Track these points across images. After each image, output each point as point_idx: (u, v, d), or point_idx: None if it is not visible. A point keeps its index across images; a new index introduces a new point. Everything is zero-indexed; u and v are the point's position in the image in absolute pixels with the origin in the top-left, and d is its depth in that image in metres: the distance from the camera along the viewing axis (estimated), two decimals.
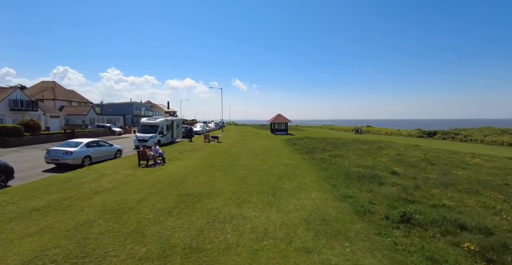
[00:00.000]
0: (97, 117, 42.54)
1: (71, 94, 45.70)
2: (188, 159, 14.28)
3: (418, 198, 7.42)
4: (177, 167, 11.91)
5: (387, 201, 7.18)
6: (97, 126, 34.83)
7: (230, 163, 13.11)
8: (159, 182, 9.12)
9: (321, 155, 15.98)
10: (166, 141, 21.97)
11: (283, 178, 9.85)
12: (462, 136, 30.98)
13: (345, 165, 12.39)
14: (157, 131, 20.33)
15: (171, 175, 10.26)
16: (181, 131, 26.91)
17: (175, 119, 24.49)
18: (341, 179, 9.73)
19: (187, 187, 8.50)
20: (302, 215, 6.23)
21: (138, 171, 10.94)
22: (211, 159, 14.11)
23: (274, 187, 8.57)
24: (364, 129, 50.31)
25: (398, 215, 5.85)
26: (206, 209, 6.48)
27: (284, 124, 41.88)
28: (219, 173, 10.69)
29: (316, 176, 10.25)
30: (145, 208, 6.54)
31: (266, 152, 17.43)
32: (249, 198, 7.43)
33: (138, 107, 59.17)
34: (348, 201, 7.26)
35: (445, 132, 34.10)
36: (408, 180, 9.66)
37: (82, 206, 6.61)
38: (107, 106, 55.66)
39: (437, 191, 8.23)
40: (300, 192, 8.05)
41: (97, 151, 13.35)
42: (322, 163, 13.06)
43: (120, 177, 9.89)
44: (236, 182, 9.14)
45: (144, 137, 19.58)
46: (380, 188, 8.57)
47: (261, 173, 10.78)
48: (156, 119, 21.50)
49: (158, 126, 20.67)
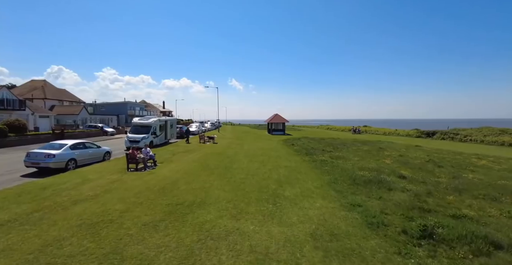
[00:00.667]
0: (90, 117, 41.30)
1: (62, 93, 44.35)
2: (182, 161, 13.43)
3: (434, 207, 6.71)
4: (168, 171, 11.06)
5: (400, 210, 6.45)
6: (89, 126, 33.67)
7: (226, 166, 12.30)
8: (147, 188, 8.28)
9: (322, 156, 15.26)
10: (159, 142, 21.05)
11: (284, 183, 9.08)
12: (461, 136, 30.59)
13: (349, 168, 11.68)
14: (150, 132, 19.41)
15: (161, 180, 9.41)
16: (176, 132, 25.98)
17: (169, 119, 23.55)
18: (346, 184, 9.00)
19: (178, 194, 7.68)
20: (307, 228, 5.46)
21: (126, 176, 10.07)
22: (206, 162, 13.28)
23: (274, 194, 7.79)
24: (361, 129, 49.84)
25: (418, 229, 5.12)
26: (198, 222, 5.68)
27: (282, 124, 41.15)
28: (214, 177, 9.88)
29: (319, 181, 9.50)
30: (128, 221, 5.71)
31: (264, 154, 16.65)
32: (247, 207, 6.64)
33: (133, 106, 57.90)
34: (358, 210, 6.51)
35: (444, 132, 33.70)
36: (418, 185, 8.98)
37: (55, 219, 5.75)
38: (100, 105, 54.34)
39: (452, 197, 7.54)
40: (304, 200, 7.28)
41: (83, 154, 12.42)
42: (323, 166, 12.33)
43: (105, 183, 9.01)
44: (232, 188, 8.34)
45: (136, 138, 18.64)
46: (389, 194, 7.86)
47: (260, 177, 10.00)
48: (148, 119, 20.56)
49: (150, 126, 19.74)
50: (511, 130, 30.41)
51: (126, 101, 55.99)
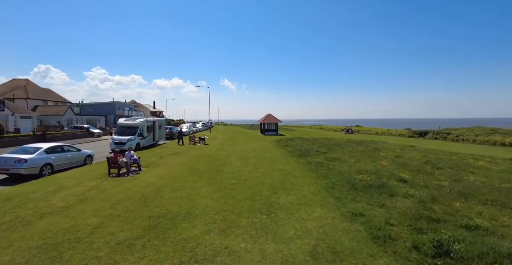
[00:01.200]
0: (76, 117, 39.70)
1: (47, 93, 42.52)
2: (169, 165, 12.59)
3: (442, 215, 6.16)
4: (153, 176, 10.24)
5: (406, 220, 5.87)
6: (74, 127, 32.25)
7: (217, 169, 11.54)
8: (127, 197, 7.46)
9: (317, 158, 14.68)
10: (147, 144, 20.08)
11: (278, 189, 8.41)
12: (453, 136, 30.68)
13: (345, 171, 11.11)
14: (136, 133, 18.43)
15: (144, 187, 8.60)
16: (165, 133, 25.02)
17: (157, 120, 22.58)
18: (345, 189, 8.39)
19: (161, 204, 6.90)
20: (306, 245, 4.80)
21: (106, 182, 9.20)
22: (195, 165, 12.48)
23: (268, 202, 7.10)
24: (354, 129, 49.78)
25: (431, 244, 4.53)
26: (182, 240, 4.94)
27: (274, 124, 40.58)
28: (203, 183, 9.12)
29: (316, 186, 8.86)
30: (99, 239, 4.92)
31: (257, 155, 15.96)
32: (238, 219, 5.93)
33: (121, 106, 56.21)
34: (360, 220, 5.89)
35: (436, 131, 33.79)
36: (420, 189, 8.45)
37: (12, 239, 4.91)
38: (87, 106, 52.50)
39: (459, 204, 7.03)
40: (300, 209, 6.62)
41: (61, 158, 11.45)
42: (319, 169, 11.73)
43: (81, 191, 8.14)
44: (222, 196, 7.61)
45: (121, 140, 17.66)
46: (392, 201, 7.30)
47: (252, 182, 9.30)
48: (135, 119, 19.57)
49: (137, 127, 18.77)
50: (501, 129, 30.73)
51: (114, 101, 54.31)
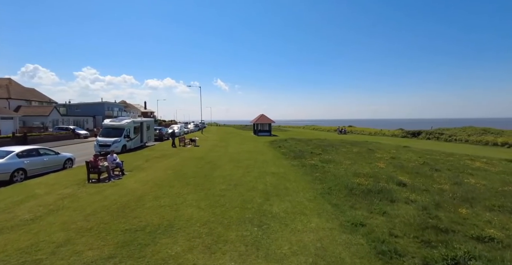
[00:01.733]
0: (62, 118, 38.18)
1: (31, 93, 40.86)
2: (155, 169, 11.81)
3: (449, 224, 5.65)
4: (136, 181, 9.47)
5: (412, 230, 5.34)
6: (59, 129, 30.91)
7: (206, 173, 10.85)
8: (104, 207, 6.71)
9: (311, 160, 14.15)
10: (134, 146, 19.18)
11: (271, 196, 7.79)
12: (446, 136, 30.73)
13: (342, 174, 10.60)
14: (122, 134, 17.53)
15: (125, 194, 7.84)
16: (153, 134, 24.11)
17: (145, 121, 21.68)
18: (342, 195, 7.83)
19: (141, 215, 6.19)
20: (303, 264, 4.19)
21: (83, 189, 8.40)
22: (183, 169, 11.74)
23: (260, 211, 6.47)
24: (347, 129, 49.69)
25: (445, 263, 3.98)
26: (160, 259, 4.26)
27: (268, 124, 40.02)
28: (190, 189, 8.42)
29: (312, 191, 8.28)
30: (61, 261, 4.20)
31: (249, 158, 15.32)
32: (226, 233, 5.28)
33: (111, 107, 54.67)
34: (361, 232, 5.33)
35: (429, 132, 33.85)
36: (421, 194, 7.97)
37: None
38: (75, 106, 50.82)
39: (465, 210, 6.55)
40: (295, 219, 6.01)
41: (36, 162, 10.55)
42: (314, 172, 11.18)
43: (53, 200, 7.34)
44: (210, 205, 6.94)
45: (106, 142, 16.74)
46: (393, 207, 6.78)
47: (244, 188, 8.65)
48: (121, 120, 18.65)
49: (123, 128, 17.86)
50: (493, 129, 30.97)
51: (103, 101, 52.74)
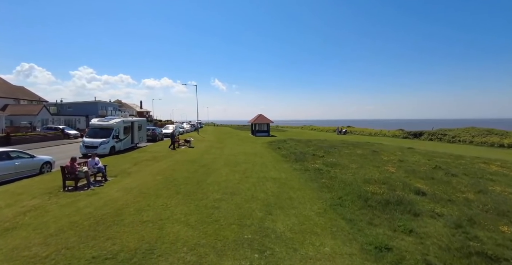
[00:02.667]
0: (52, 117, 36.69)
1: (20, 91, 39.31)
2: (142, 174, 10.63)
3: (495, 248, 4.59)
4: (119, 189, 8.29)
5: (452, 257, 4.27)
6: (47, 128, 29.48)
7: (199, 179, 9.71)
8: (73, 224, 5.54)
9: (314, 163, 13.07)
10: (124, 147, 17.91)
11: (274, 208, 6.68)
12: (449, 137, 29.89)
13: (350, 180, 9.53)
14: (111, 135, 16.28)
15: (102, 206, 6.68)
16: (145, 134, 22.86)
17: (136, 120, 20.42)
18: (356, 207, 6.75)
19: (116, 234, 5.03)
20: None
21: (54, 200, 7.21)
22: (174, 174, 10.57)
23: (261, 230, 5.35)
24: (347, 129, 48.75)
25: None
26: None
27: (266, 125, 38.91)
28: (179, 199, 7.28)
29: (320, 202, 7.18)
30: None
31: (247, 160, 14.20)
32: (219, 262, 4.15)
33: (104, 106, 53.13)
34: (389, 259, 4.26)
35: (431, 132, 33.00)
36: (446, 206, 6.93)
37: None
38: (67, 105, 49.24)
39: (507, 228, 5.50)
40: (305, 241, 4.91)
41: (4, 167, 9.32)
42: (319, 177, 10.09)
43: (13, 214, 6.14)
44: (201, 220, 5.80)
45: (93, 143, 15.49)
46: (419, 223, 5.72)
47: (241, 197, 7.53)
48: (110, 119, 17.39)
49: (112, 128, 16.61)
50: (496, 130, 30.18)
51: (96, 100, 51.23)
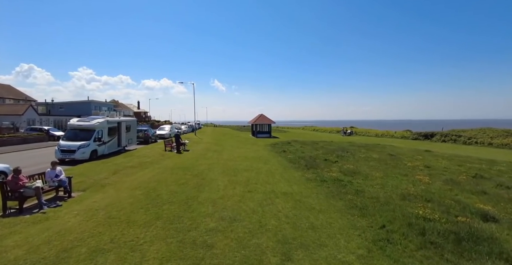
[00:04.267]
0: (40, 118, 34.50)
1: (5, 90, 37.11)
2: (119, 187, 8.45)
3: None
4: (80, 212, 6.13)
5: None
6: (31, 129, 27.27)
7: (189, 195, 7.55)
8: None
9: (330, 171, 10.97)
10: (109, 151, 15.72)
11: (293, 246, 4.54)
12: (465, 138, 27.77)
13: (383, 195, 7.43)
14: (92, 137, 14.09)
15: (42, 244, 4.52)
16: (135, 136, 20.69)
17: (124, 120, 18.24)
18: (413, 244, 4.62)
19: None
20: None
21: None
22: (159, 187, 8.40)
23: None
24: (352, 130, 46.68)
25: None
26: None
27: (267, 125, 36.82)
28: (157, 230, 5.13)
29: (357, 235, 5.04)
30: None
31: (249, 167, 12.07)
32: None
33: (98, 106, 50.89)
34: None
35: (444, 133, 30.92)
36: None
37: None
38: (58, 105, 47.07)
39: None
40: None
41: None
42: (342, 191, 7.97)
43: None
44: None
45: (71, 147, 13.30)
46: None
47: (245, 226, 5.39)
48: (92, 119, 15.21)
49: (93, 129, 14.44)
50: None
51: (89, 100, 49.06)
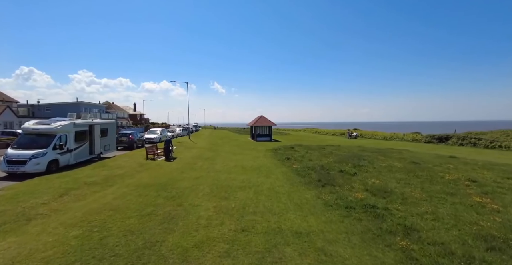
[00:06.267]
0: (19, 120, 31.75)
1: None
2: (51, 223, 5.66)
3: None
4: None
5: None
6: (2, 133, 24.56)
7: (149, 240, 4.80)
8: None
9: (352, 189, 8.26)
10: (76, 160, 12.91)
11: None
12: (486, 141, 25.09)
13: (448, 238, 4.72)
14: (51, 144, 11.32)
15: None
16: (115, 141, 17.91)
17: (98, 123, 15.48)
18: None
19: None
20: None
21: None
22: (110, 221, 5.62)
23: None
24: (355, 132, 43.97)
25: None
26: None
27: (268, 128, 34.13)
28: None
29: None
30: None
31: (246, 183, 9.33)
32: None
33: (89, 108, 48.22)
34: None
35: (461, 136, 28.26)
36: None
37: None
38: (45, 106, 44.35)
39: None
40: None
41: None
42: (383, 229, 5.24)
43: None
44: None
45: (20, 156, 10.48)
46: None
47: None
48: (53, 122, 12.46)
49: (54, 134, 11.67)
50: None
51: (78, 101, 46.30)
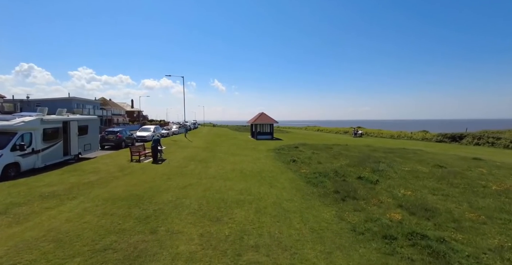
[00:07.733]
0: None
1: None
2: None
3: None
4: None
5: None
6: None
7: None
8: None
9: (381, 206, 6.39)
10: (45, 163, 10.98)
11: None
12: (507, 141, 23.17)
13: None
14: (9, 144, 9.44)
15: None
16: (97, 140, 15.90)
17: (75, 119, 13.48)
18: None
19: None
20: None
21: None
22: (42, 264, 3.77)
23: None
24: (361, 130, 42.04)
25: None
26: None
27: (269, 125, 32.15)
28: None
29: None
30: None
31: (245, 197, 7.44)
32: None
33: (81, 104, 46.20)
34: None
35: (476, 135, 26.35)
36: None
37: None
38: (34, 102, 42.24)
39: None
40: None
41: None
42: None
43: None
44: None
45: None
46: None
47: None
48: (17, 117, 10.58)
49: (13, 132, 9.80)
50: None
51: (70, 97, 44.30)
